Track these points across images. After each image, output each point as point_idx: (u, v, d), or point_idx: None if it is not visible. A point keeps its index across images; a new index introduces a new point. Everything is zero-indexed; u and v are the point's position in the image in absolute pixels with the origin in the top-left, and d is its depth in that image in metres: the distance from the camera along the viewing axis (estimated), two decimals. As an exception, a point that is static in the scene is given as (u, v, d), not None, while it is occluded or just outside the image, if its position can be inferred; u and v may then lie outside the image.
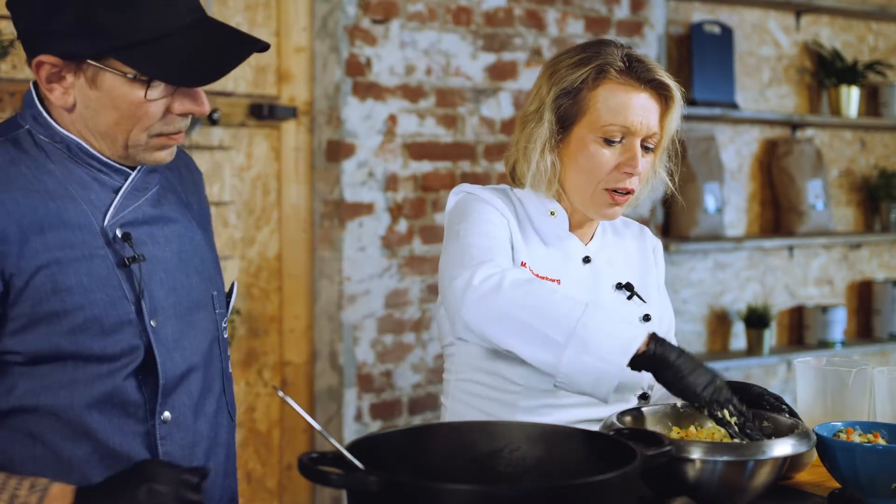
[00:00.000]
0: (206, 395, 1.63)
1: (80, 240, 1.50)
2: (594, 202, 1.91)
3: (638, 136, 1.87)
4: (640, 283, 2.01)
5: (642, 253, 2.07)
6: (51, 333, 1.47)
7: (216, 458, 1.65)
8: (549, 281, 1.89)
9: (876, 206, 5.06)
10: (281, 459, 3.59)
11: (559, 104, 1.89)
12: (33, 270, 1.46)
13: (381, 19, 3.55)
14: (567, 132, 1.90)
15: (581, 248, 1.97)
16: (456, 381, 1.95)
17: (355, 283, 3.54)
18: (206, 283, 1.66)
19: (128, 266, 1.53)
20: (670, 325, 2.08)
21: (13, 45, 2.94)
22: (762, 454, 1.50)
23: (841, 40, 4.96)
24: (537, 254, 1.92)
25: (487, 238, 1.83)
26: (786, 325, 4.84)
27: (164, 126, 1.52)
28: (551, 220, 1.93)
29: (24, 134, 1.54)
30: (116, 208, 1.55)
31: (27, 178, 1.49)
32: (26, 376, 1.48)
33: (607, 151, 1.88)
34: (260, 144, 3.50)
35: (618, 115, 1.86)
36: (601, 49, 1.90)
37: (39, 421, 1.49)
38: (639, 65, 1.88)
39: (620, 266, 2.01)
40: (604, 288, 1.96)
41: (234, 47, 1.51)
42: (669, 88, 1.89)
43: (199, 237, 1.68)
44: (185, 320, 1.60)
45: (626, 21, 4.10)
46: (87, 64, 1.46)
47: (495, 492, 1.20)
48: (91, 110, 1.50)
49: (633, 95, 1.87)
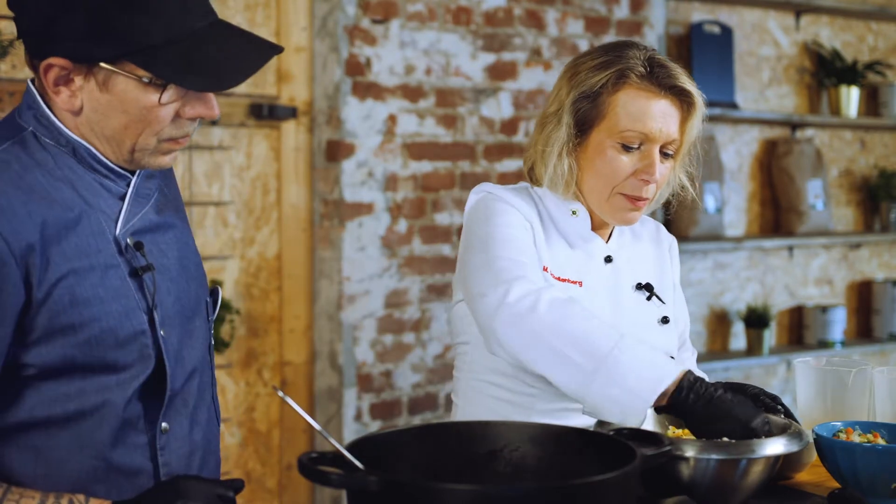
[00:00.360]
0: (199, 404, 1.60)
1: (95, 249, 1.46)
2: (611, 207, 1.89)
3: (657, 143, 1.85)
4: (657, 283, 2.00)
5: (659, 252, 2.05)
6: (65, 345, 1.42)
7: (208, 467, 1.62)
8: (570, 283, 1.88)
9: (876, 206, 5.07)
10: (281, 459, 3.59)
11: (578, 107, 1.87)
12: (53, 282, 1.41)
13: (380, 19, 3.55)
14: (585, 136, 1.88)
15: (603, 247, 1.95)
16: (469, 381, 1.93)
17: (355, 283, 3.54)
18: (201, 289, 1.64)
19: (139, 276, 1.50)
20: (686, 326, 2.07)
21: (13, 45, 2.94)
22: (754, 452, 1.51)
23: (841, 40, 4.96)
24: (560, 254, 1.90)
25: (517, 249, 1.81)
26: (786, 325, 4.85)
27: (174, 130, 1.48)
28: (574, 219, 1.91)
29: (29, 136, 1.48)
30: (126, 216, 1.51)
31: (42, 185, 1.44)
32: (35, 389, 1.44)
33: (625, 157, 1.85)
34: (260, 144, 3.50)
35: (637, 122, 1.84)
36: (623, 52, 1.87)
37: (46, 435, 1.45)
38: (661, 70, 1.86)
39: (639, 266, 1.99)
40: (624, 288, 1.95)
41: (250, 51, 1.47)
42: (691, 95, 1.87)
43: (192, 241, 1.65)
44: (185, 329, 1.57)
45: (626, 21, 4.10)
46: (100, 67, 1.42)
47: (495, 492, 1.20)
48: (99, 114, 1.45)
49: (654, 102, 1.85)
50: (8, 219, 1.38)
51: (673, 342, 1.98)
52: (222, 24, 1.48)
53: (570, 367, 1.65)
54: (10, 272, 1.38)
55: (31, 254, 1.39)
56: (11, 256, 1.38)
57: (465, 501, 1.16)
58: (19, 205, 1.40)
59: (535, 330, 1.68)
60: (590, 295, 1.88)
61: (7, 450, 1.45)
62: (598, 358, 1.64)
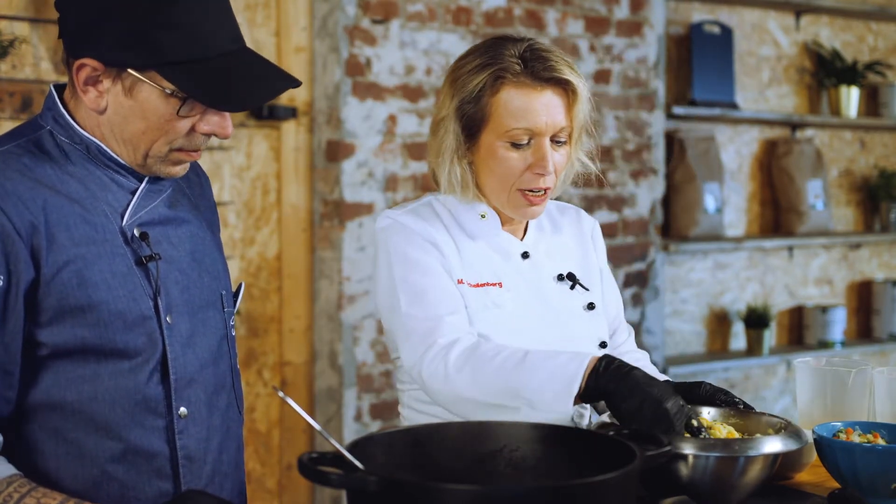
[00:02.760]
0: (219, 391, 1.68)
1: (101, 238, 1.55)
2: (511, 204, 1.90)
3: (545, 135, 1.84)
4: (581, 271, 2.00)
5: (581, 238, 2.05)
6: (76, 326, 1.52)
7: (228, 452, 1.70)
8: (489, 286, 1.89)
9: (876, 206, 5.07)
10: (281, 459, 3.59)
11: (463, 112, 1.87)
12: (61, 265, 1.51)
13: (380, 19, 3.55)
14: (475, 139, 1.88)
15: (517, 244, 1.95)
16: (410, 391, 1.96)
17: (355, 284, 3.54)
18: (216, 282, 1.72)
19: (145, 264, 1.59)
20: (619, 309, 2.08)
21: (13, 45, 2.94)
22: (753, 451, 1.52)
23: (841, 40, 4.96)
24: (476, 259, 1.91)
25: (422, 304, 1.83)
26: (786, 326, 4.85)
27: (186, 142, 1.57)
28: (483, 222, 1.92)
29: (46, 135, 1.58)
30: (134, 208, 1.61)
31: (51, 178, 1.54)
32: (51, 371, 1.53)
33: (516, 155, 1.85)
34: (260, 144, 3.50)
35: (520, 119, 1.83)
36: (497, 51, 1.86)
37: (63, 417, 1.53)
38: (537, 63, 1.84)
39: (559, 256, 1.99)
40: (545, 281, 1.95)
41: (269, 79, 1.57)
42: (571, 83, 1.85)
43: (210, 238, 1.74)
44: (196, 318, 1.65)
45: (626, 21, 4.10)
46: (128, 73, 1.52)
47: (495, 492, 1.20)
48: (121, 117, 1.55)
49: (534, 96, 1.84)
50: (13, 201, 1.49)
51: (601, 327, 1.98)
52: (248, 51, 1.58)
53: (498, 410, 1.71)
54: (19, 248, 1.48)
55: (35, 233, 1.49)
56: (17, 233, 1.48)
57: (465, 501, 1.16)
58: (24, 189, 1.51)
59: (456, 394, 1.75)
60: (511, 294, 1.90)
61: (30, 427, 1.54)
62: (514, 394, 1.70)
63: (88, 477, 1.54)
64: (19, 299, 1.49)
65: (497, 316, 1.88)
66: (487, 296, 1.88)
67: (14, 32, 2.99)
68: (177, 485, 1.60)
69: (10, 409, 1.53)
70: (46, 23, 3.03)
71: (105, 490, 1.55)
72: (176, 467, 1.59)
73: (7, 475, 1.46)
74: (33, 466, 1.54)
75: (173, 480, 1.59)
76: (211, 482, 1.65)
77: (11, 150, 1.55)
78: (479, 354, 1.76)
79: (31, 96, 3.02)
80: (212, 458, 1.65)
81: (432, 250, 1.88)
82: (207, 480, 1.64)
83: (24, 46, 3.00)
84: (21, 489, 1.45)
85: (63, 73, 2.96)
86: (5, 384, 1.51)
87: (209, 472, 1.64)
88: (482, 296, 1.88)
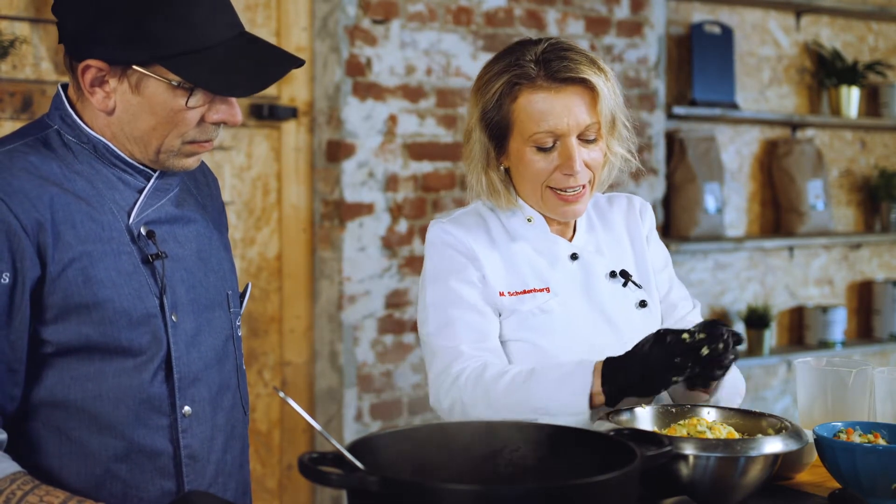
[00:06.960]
0: (224, 391, 1.68)
1: (108, 236, 1.56)
2: (547, 206, 1.90)
3: (570, 135, 1.84)
4: (635, 264, 1.99)
5: (634, 228, 2.02)
6: (81, 324, 1.52)
7: (232, 452, 1.70)
8: (536, 292, 1.89)
9: (876, 206, 5.07)
10: (281, 459, 3.59)
11: (487, 120, 1.88)
12: (66, 262, 1.51)
13: (381, 19, 3.55)
14: (505, 145, 1.89)
15: (566, 246, 1.95)
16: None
17: (355, 284, 3.54)
18: (222, 282, 1.72)
19: (151, 263, 1.60)
20: (678, 292, 2.03)
21: (14, 46, 2.95)
22: (753, 451, 1.52)
23: (841, 40, 4.96)
24: (521, 264, 1.91)
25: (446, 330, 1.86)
26: (786, 326, 4.85)
27: (198, 134, 1.58)
28: (531, 226, 1.93)
29: (53, 134, 1.59)
30: (141, 207, 1.61)
31: (58, 176, 1.55)
32: (55, 368, 1.53)
33: (543, 157, 1.85)
34: (260, 144, 3.50)
35: (542, 122, 1.83)
36: (513, 57, 1.86)
37: (67, 415, 1.54)
38: (554, 64, 1.83)
39: (611, 253, 1.98)
40: (596, 279, 1.94)
41: (273, 62, 1.58)
42: (589, 82, 1.83)
43: (216, 238, 1.74)
44: (202, 317, 1.65)
45: (626, 21, 4.10)
46: (133, 70, 1.52)
47: (495, 492, 1.20)
48: (130, 115, 1.55)
49: (553, 99, 1.83)
50: (19, 199, 1.49)
51: (654, 324, 1.97)
52: (248, 35, 1.59)
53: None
54: (25, 245, 1.48)
55: (41, 231, 1.50)
56: (23, 230, 1.48)
57: (465, 501, 1.16)
58: (31, 187, 1.51)
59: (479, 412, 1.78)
60: (559, 298, 1.90)
61: (34, 425, 1.55)
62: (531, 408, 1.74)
63: (91, 475, 1.55)
64: (25, 296, 1.50)
65: (545, 321, 1.88)
66: (534, 301, 1.88)
67: (14, 33, 2.99)
68: (180, 484, 1.60)
69: (14, 406, 1.53)
70: (47, 23, 3.03)
71: (108, 488, 1.55)
72: (179, 466, 1.60)
73: (10, 472, 1.46)
74: (36, 464, 1.54)
75: (176, 479, 1.60)
76: (214, 482, 1.65)
77: (18, 149, 1.56)
78: (488, 379, 1.78)
79: (31, 96, 3.02)
80: (215, 457, 1.65)
81: (469, 270, 1.89)
82: (211, 480, 1.64)
83: (25, 47, 3.00)
84: (24, 487, 1.45)
85: (63, 72, 2.96)
86: (11, 381, 1.51)
87: (213, 472, 1.65)
88: (529, 302, 1.88)
